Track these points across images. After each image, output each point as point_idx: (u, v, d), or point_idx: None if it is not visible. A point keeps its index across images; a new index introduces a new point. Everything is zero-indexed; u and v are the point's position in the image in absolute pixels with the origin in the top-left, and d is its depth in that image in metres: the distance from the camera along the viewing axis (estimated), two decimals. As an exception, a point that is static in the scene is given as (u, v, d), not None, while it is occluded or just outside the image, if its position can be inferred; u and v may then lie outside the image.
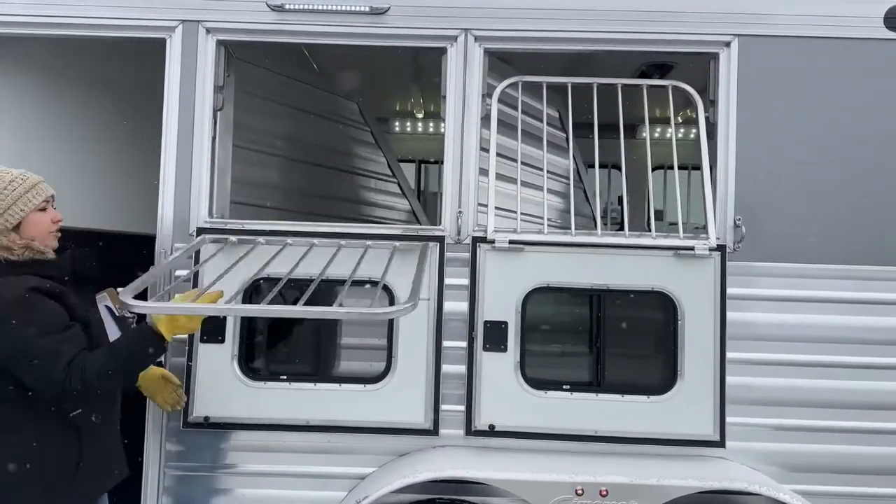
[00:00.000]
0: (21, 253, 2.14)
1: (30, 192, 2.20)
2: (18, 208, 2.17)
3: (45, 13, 3.03)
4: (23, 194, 2.18)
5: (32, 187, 2.21)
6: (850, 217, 2.94)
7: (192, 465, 2.93)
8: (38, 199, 2.21)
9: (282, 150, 3.84)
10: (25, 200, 2.18)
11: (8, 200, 2.15)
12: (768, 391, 2.92)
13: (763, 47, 2.96)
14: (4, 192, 2.16)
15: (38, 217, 2.22)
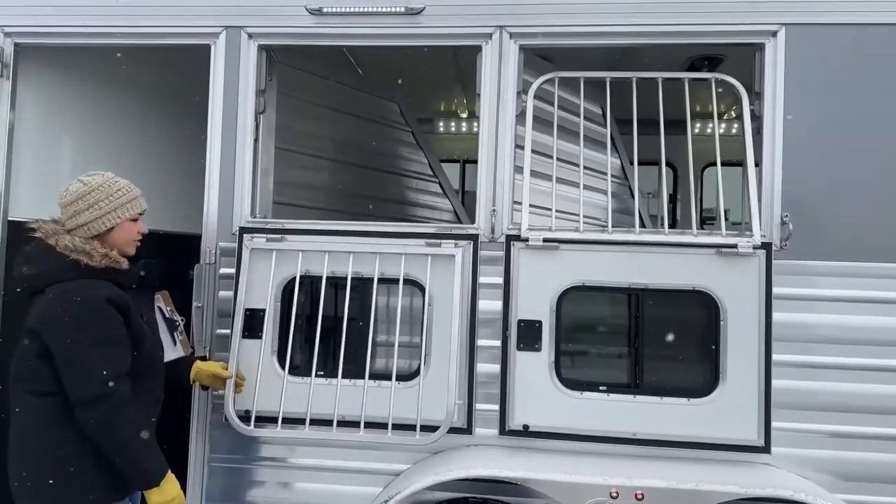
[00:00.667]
0: (99, 260, 2.26)
1: (130, 203, 2.38)
2: (116, 215, 2.34)
3: (99, 24, 3.19)
4: (124, 204, 2.36)
5: (134, 199, 2.40)
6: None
7: (233, 458, 3.02)
8: (135, 210, 2.39)
9: (323, 151, 3.91)
10: (124, 210, 2.35)
11: (111, 206, 2.33)
12: (821, 396, 2.80)
13: (811, 36, 2.83)
14: (110, 198, 2.33)
15: (128, 226, 2.39)
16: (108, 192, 2.33)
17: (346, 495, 2.94)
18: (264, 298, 2.99)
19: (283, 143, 3.46)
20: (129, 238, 2.40)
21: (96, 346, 2.15)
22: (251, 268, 3.00)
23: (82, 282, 2.22)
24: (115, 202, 2.33)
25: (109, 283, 2.26)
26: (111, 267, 2.28)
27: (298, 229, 3.05)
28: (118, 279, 2.30)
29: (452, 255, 2.89)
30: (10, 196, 3.29)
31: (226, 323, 3.04)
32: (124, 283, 2.33)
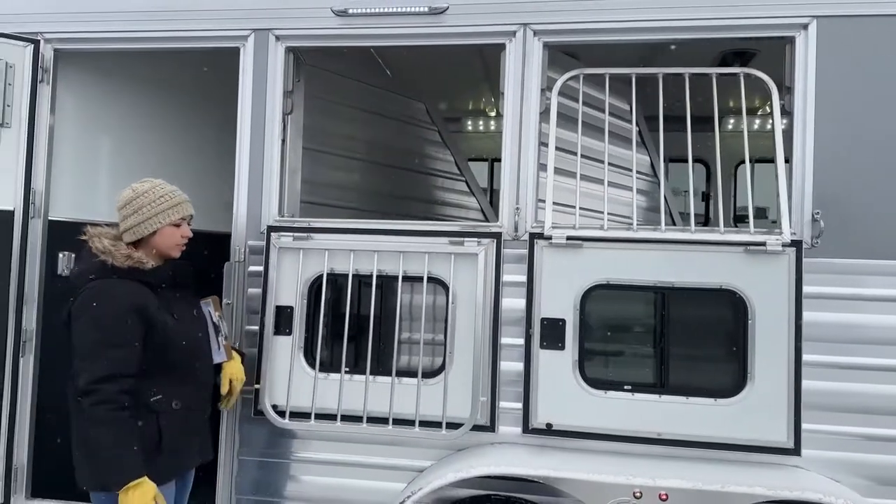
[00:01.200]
0: (122, 261, 2.37)
1: (172, 208, 2.48)
2: (158, 220, 2.45)
3: (133, 29, 3.29)
4: (166, 209, 2.47)
5: (176, 205, 2.50)
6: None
7: (261, 452, 3.09)
8: (176, 216, 2.49)
9: (350, 150, 3.96)
10: (165, 215, 2.46)
11: (154, 211, 2.45)
12: (855, 397, 2.73)
13: (843, 28, 2.76)
14: (153, 203, 2.45)
15: (170, 230, 2.49)
16: (151, 199, 2.45)
17: (370, 490, 2.97)
18: (292, 296, 3.04)
19: (311, 144, 3.51)
20: (171, 242, 2.51)
21: (100, 344, 2.26)
22: (279, 266, 3.06)
23: (108, 281, 2.34)
24: (156, 208, 2.45)
25: (135, 283, 2.36)
26: (135, 267, 2.37)
27: (324, 228, 3.10)
28: (144, 278, 2.40)
29: (475, 254, 2.90)
30: (50, 197, 3.41)
31: (255, 320, 3.11)
32: (152, 283, 2.42)
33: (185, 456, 2.53)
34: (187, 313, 2.57)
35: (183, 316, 2.52)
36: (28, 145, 3.30)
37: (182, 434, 2.47)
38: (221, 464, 3.12)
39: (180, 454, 2.48)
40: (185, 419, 2.47)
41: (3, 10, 3.34)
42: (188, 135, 4.03)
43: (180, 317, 2.50)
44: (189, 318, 2.57)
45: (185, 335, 2.48)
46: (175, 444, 2.43)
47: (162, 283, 2.47)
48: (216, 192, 3.69)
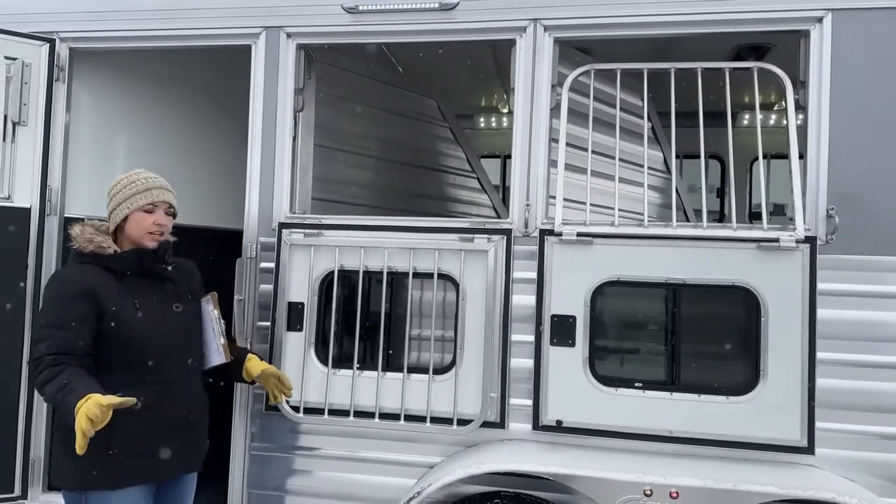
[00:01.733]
0: (83, 245, 2.33)
1: (141, 194, 2.39)
2: (126, 206, 2.38)
3: (146, 27, 3.32)
4: (135, 194, 2.39)
5: (146, 190, 2.40)
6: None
7: (273, 447, 3.11)
8: (144, 201, 2.39)
9: (361, 148, 3.97)
10: (134, 200, 2.38)
11: (123, 196, 2.40)
12: (870, 396, 2.69)
13: (858, 21, 2.72)
14: (123, 190, 2.40)
15: (140, 216, 2.39)
16: (123, 185, 2.41)
17: (380, 486, 2.98)
18: (303, 292, 3.06)
19: (322, 141, 3.53)
20: (140, 229, 2.38)
21: (45, 326, 2.25)
22: (290, 262, 3.08)
23: (70, 266, 2.37)
24: (125, 193, 2.39)
25: (94, 268, 2.31)
26: (96, 252, 2.32)
27: (335, 224, 3.11)
28: (107, 264, 2.33)
29: (485, 251, 2.90)
30: (66, 194, 3.46)
31: (266, 316, 3.13)
32: (115, 269, 2.33)
33: (152, 463, 2.32)
34: (160, 306, 2.40)
35: (150, 308, 2.35)
36: (44, 143, 3.34)
37: (148, 438, 2.29)
38: (234, 458, 3.15)
39: (144, 460, 2.29)
40: (148, 422, 2.28)
41: (19, 10, 3.39)
42: (203, 132, 4.06)
43: (145, 308, 2.34)
44: (160, 312, 2.38)
45: (148, 328, 2.31)
46: (136, 448, 2.26)
47: (126, 271, 2.35)
48: (232, 190, 3.71)
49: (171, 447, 2.36)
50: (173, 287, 2.49)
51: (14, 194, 3.25)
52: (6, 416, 3.19)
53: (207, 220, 3.84)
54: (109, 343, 2.28)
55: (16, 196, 3.26)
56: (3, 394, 3.19)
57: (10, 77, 3.24)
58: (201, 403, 2.53)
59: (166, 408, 2.34)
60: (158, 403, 2.31)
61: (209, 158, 4.02)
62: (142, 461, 2.30)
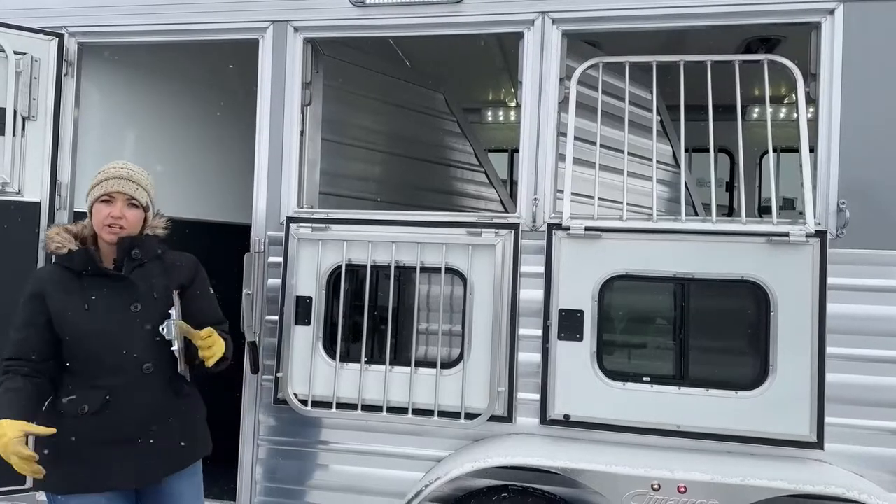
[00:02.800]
0: (48, 245, 2.28)
1: (98, 185, 2.27)
2: (89, 198, 2.29)
3: (154, 22, 3.32)
4: (93, 186, 2.29)
5: (102, 181, 2.27)
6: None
7: (281, 440, 3.13)
8: (98, 192, 2.25)
9: (369, 142, 3.96)
10: (92, 192, 2.28)
11: (88, 190, 2.31)
12: (880, 391, 2.67)
13: (871, 13, 2.69)
14: (90, 184, 2.31)
15: (97, 208, 2.26)
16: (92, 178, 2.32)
17: (388, 479, 2.99)
18: (311, 286, 3.07)
19: (330, 135, 3.53)
20: (98, 222, 2.26)
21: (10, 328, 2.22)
22: (298, 256, 3.09)
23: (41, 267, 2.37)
24: (90, 185, 2.30)
25: (57, 267, 2.27)
26: (55, 252, 2.26)
27: (342, 219, 3.11)
28: (64, 263, 2.25)
29: (493, 245, 2.90)
30: (76, 189, 3.47)
31: (274, 310, 3.14)
32: (72, 268, 2.24)
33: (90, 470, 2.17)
34: (113, 307, 2.23)
35: (99, 309, 2.21)
36: (54, 138, 3.35)
37: (87, 445, 2.16)
38: (242, 451, 3.17)
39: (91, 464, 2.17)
40: (94, 428, 2.16)
41: (28, 5, 3.40)
42: (211, 126, 4.07)
43: (95, 309, 2.20)
44: (111, 313, 2.22)
45: (93, 330, 2.18)
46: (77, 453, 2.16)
47: (83, 270, 2.23)
48: (240, 184, 3.72)
49: (119, 458, 2.18)
50: (132, 286, 2.26)
51: (24, 189, 3.27)
52: (18, 409, 3.21)
53: (215, 214, 3.86)
54: (62, 345, 2.21)
55: (26, 190, 3.27)
56: (15, 387, 3.21)
57: (19, 72, 3.25)
58: (168, 408, 2.28)
59: (112, 415, 2.18)
60: (101, 409, 2.17)
61: (217, 153, 4.03)
62: (85, 467, 2.17)
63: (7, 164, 3.22)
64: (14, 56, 3.22)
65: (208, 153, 4.01)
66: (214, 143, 4.07)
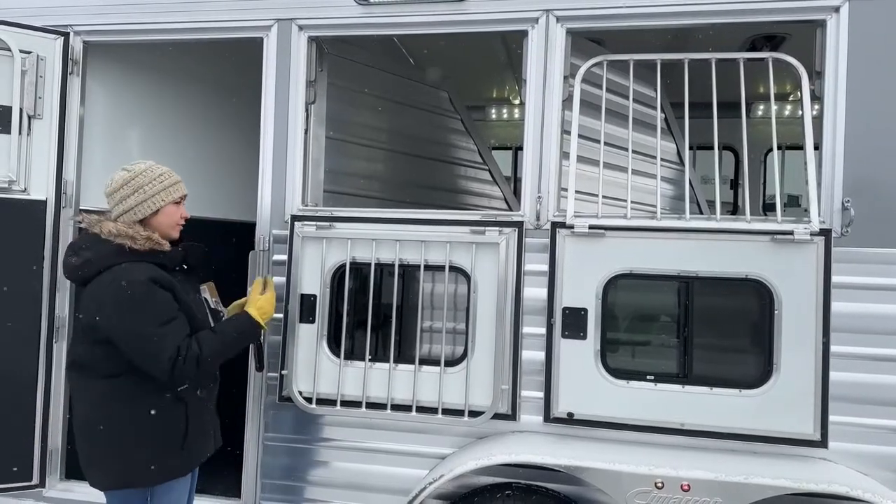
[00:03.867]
0: (143, 243, 2.35)
1: (173, 186, 2.46)
2: (161, 198, 2.42)
3: (159, 20, 3.33)
4: (167, 187, 2.44)
5: (175, 183, 2.48)
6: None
7: (286, 437, 3.14)
8: (177, 194, 2.47)
9: (373, 140, 3.97)
10: (167, 193, 2.44)
11: (155, 189, 2.41)
12: (884, 389, 2.67)
13: (876, 10, 2.68)
14: (153, 182, 2.41)
15: (172, 209, 2.47)
16: (151, 177, 2.42)
17: (392, 476, 3.01)
18: (315, 284, 3.08)
19: (334, 133, 3.53)
20: (172, 221, 2.48)
21: (155, 325, 2.24)
22: (302, 255, 3.10)
23: (128, 266, 2.28)
24: (158, 186, 2.42)
25: (153, 266, 2.33)
26: (154, 249, 2.36)
27: (347, 217, 3.12)
28: (162, 261, 2.38)
29: (497, 244, 2.90)
30: (81, 186, 3.49)
31: (279, 308, 3.13)
32: (168, 265, 2.40)
33: (207, 445, 2.54)
34: (196, 297, 2.56)
35: (193, 299, 2.51)
36: (59, 136, 3.37)
37: (204, 423, 2.49)
38: (247, 448, 3.18)
39: (204, 443, 2.51)
40: (205, 408, 2.51)
41: (34, 4, 3.41)
42: (216, 124, 4.07)
43: (192, 299, 2.47)
44: (197, 301, 2.54)
45: (199, 319, 2.45)
46: (198, 433, 2.45)
47: (176, 266, 2.46)
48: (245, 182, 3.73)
49: (214, 429, 2.58)
50: (196, 277, 2.62)
51: (30, 187, 3.29)
52: (25, 406, 3.24)
53: (220, 212, 3.87)
54: None
55: (32, 189, 3.29)
56: (22, 385, 3.24)
57: (25, 71, 3.26)
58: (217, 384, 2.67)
59: (213, 393, 2.57)
60: (210, 392, 2.54)
61: (222, 150, 4.04)
62: (203, 445, 2.50)
63: (13, 163, 3.23)
64: (20, 55, 3.24)
65: (213, 151, 4.02)
66: (219, 141, 4.07)
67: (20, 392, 3.24)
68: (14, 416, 3.23)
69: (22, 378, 3.23)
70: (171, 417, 2.36)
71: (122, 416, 2.31)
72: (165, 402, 2.34)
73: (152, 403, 2.33)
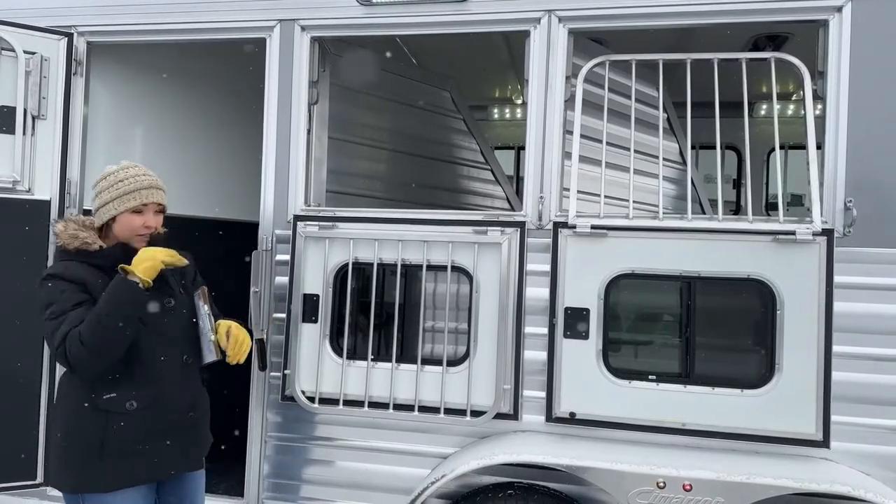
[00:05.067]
0: (69, 242, 2.24)
1: (130, 194, 2.27)
2: (113, 206, 2.28)
3: (162, 21, 3.35)
4: (122, 195, 2.27)
5: (133, 192, 2.28)
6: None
7: (288, 436, 3.15)
8: (133, 202, 2.28)
9: (375, 140, 3.98)
10: (121, 201, 2.27)
11: (110, 196, 2.28)
12: (886, 389, 2.67)
13: (879, 10, 2.67)
14: (110, 188, 2.28)
15: (128, 218, 2.29)
16: (109, 183, 2.29)
17: (394, 475, 3.01)
18: (318, 284, 3.09)
19: (336, 133, 3.54)
20: (128, 231, 2.31)
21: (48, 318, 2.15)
22: (305, 254, 3.11)
23: (56, 264, 2.26)
24: (114, 192, 2.27)
25: (80, 265, 2.23)
26: (81, 248, 2.25)
27: (349, 217, 3.13)
28: (92, 261, 2.25)
29: (499, 244, 2.91)
30: (85, 186, 3.50)
31: (282, 307, 3.16)
32: (102, 265, 2.25)
33: (147, 464, 2.26)
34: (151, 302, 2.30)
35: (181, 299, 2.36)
36: (63, 136, 3.38)
37: (141, 439, 2.24)
38: (250, 447, 3.19)
39: (138, 461, 2.25)
40: (144, 421, 2.24)
41: (38, 5, 3.43)
42: (219, 125, 4.08)
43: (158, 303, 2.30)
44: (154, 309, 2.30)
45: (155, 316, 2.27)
46: (129, 449, 2.22)
47: (113, 266, 2.21)
48: (247, 182, 3.74)
49: (168, 446, 2.30)
50: (165, 284, 2.35)
51: (34, 187, 3.30)
52: (28, 405, 3.26)
53: (223, 212, 3.89)
54: None
55: (36, 189, 3.31)
56: (26, 383, 3.25)
57: (29, 71, 3.28)
58: (201, 401, 2.46)
59: (161, 407, 2.28)
60: (153, 402, 2.26)
61: (224, 151, 4.05)
62: (137, 461, 2.24)
63: (17, 163, 3.25)
64: (24, 55, 3.25)
65: (216, 151, 4.03)
66: (222, 141, 4.09)
67: (23, 391, 3.25)
68: (17, 415, 3.24)
69: (25, 377, 3.25)
70: (89, 424, 2.21)
71: (55, 415, 2.32)
72: (83, 410, 2.21)
73: (72, 408, 2.24)
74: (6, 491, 3.25)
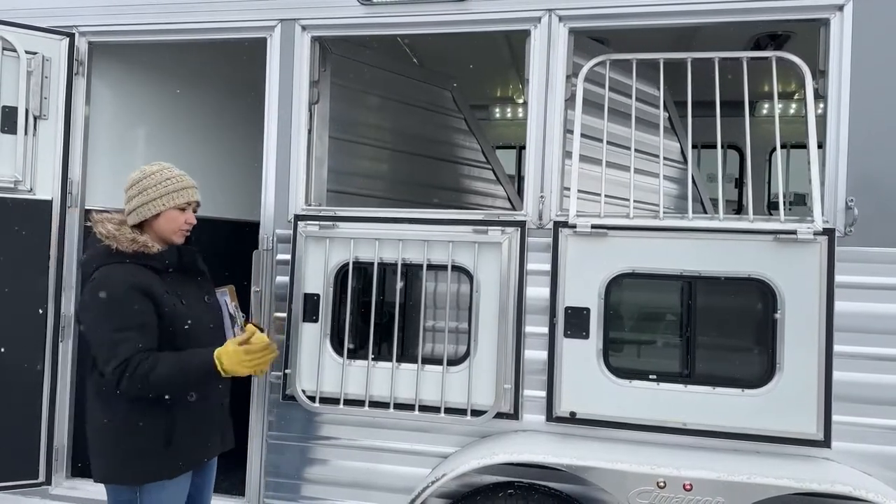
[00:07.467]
0: (127, 245, 2.32)
1: (178, 192, 2.43)
2: (162, 202, 2.40)
3: (163, 21, 3.35)
4: (171, 192, 2.42)
5: (182, 189, 2.44)
6: None
7: (289, 436, 3.16)
8: (181, 200, 2.43)
9: (376, 139, 3.98)
10: (170, 198, 2.41)
11: (158, 192, 2.40)
12: (888, 389, 2.66)
13: (881, 9, 2.67)
14: (157, 185, 2.41)
15: (174, 214, 2.43)
16: (157, 181, 2.41)
17: (395, 475, 3.02)
18: (319, 284, 3.09)
19: (337, 133, 3.54)
20: (174, 227, 2.44)
21: (112, 330, 2.21)
22: (306, 254, 3.11)
23: (112, 267, 2.30)
24: (161, 190, 2.40)
25: (139, 267, 2.32)
26: (139, 251, 2.33)
27: (350, 217, 3.13)
28: (149, 263, 2.35)
29: (499, 243, 2.90)
30: (87, 186, 3.51)
31: (283, 307, 3.16)
32: (157, 267, 2.37)
33: (201, 449, 2.47)
34: (198, 300, 2.50)
35: (192, 302, 2.46)
36: (65, 136, 3.39)
37: (198, 427, 2.43)
38: (251, 446, 3.20)
39: (195, 448, 2.43)
40: (202, 411, 2.43)
41: (39, 5, 3.44)
42: (221, 124, 4.09)
43: (189, 303, 2.43)
44: (200, 305, 2.50)
45: (196, 322, 2.41)
46: (189, 437, 2.39)
47: (168, 268, 2.41)
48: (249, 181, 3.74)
49: (213, 431, 2.52)
50: (206, 281, 2.59)
51: (36, 187, 3.31)
52: (31, 405, 3.27)
53: (224, 211, 3.89)
54: (163, 340, 2.31)
55: (37, 189, 3.31)
56: (28, 383, 3.26)
57: (30, 71, 3.28)
58: (228, 388, 2.64)
59: (213, 394, 2.48)
60: (207, 393, 2.44)
61: (226, 150, 4.05)
62: (194, 448, 2.43)
63: (19, 163, 3.26)
64: (25, 55, 3.26)
65: (217, 151, 4.03)
66: (223, 140, 4.09)
67: (26, 390, 3.26)
68: (20, 415, 3.25)
69: (28, 376, 3.26)
70: (152, 416, 2.31)
71: (105, 412, 2.32)
72: (147, 401, 2.29)
73: (131, 403, 2.28)
74: (8, 490, 3.26)
